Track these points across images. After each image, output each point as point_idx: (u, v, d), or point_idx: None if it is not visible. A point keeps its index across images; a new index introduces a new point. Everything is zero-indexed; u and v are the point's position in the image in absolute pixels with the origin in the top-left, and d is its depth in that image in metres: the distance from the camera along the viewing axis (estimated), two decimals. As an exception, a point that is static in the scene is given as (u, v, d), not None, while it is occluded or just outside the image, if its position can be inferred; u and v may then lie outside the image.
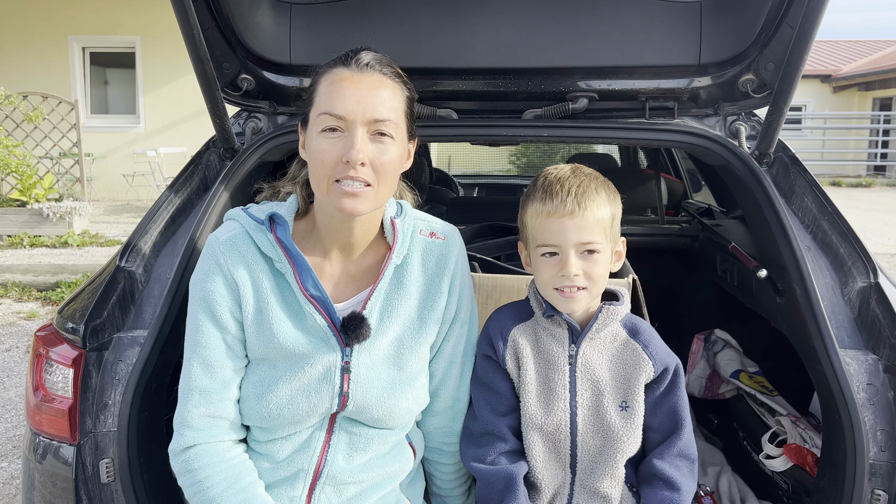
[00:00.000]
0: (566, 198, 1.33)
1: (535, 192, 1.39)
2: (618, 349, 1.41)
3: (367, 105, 1.23)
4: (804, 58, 1.49)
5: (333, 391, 1.30)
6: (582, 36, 1.73)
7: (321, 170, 1.24)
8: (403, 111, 1.31)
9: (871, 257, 1.59)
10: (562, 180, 1.36)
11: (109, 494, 1.48)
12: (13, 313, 5.49)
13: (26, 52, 11.02)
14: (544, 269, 1.36)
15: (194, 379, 1.29)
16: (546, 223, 1.35)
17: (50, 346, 1.55)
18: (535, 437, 1.40)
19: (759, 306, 2.00)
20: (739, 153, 1.72)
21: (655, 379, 1.39)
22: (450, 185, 4.42)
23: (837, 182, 16.31)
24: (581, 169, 1.41)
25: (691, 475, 1.39)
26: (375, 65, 1.27)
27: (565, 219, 1.33)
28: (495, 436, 1.41)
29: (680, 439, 1.38)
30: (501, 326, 1.44)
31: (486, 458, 1.40)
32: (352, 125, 1.22)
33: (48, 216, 8.01)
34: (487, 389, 1.44)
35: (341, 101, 1.23)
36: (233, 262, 1.31)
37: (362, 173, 1.22)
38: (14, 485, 2.98)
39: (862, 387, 1.46)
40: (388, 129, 1.25)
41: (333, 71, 1.27)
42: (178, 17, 1.44)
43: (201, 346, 1.30)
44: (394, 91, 1.28)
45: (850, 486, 1.43)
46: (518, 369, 1.42)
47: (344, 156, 1.21)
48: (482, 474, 1.39)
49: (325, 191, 1.25)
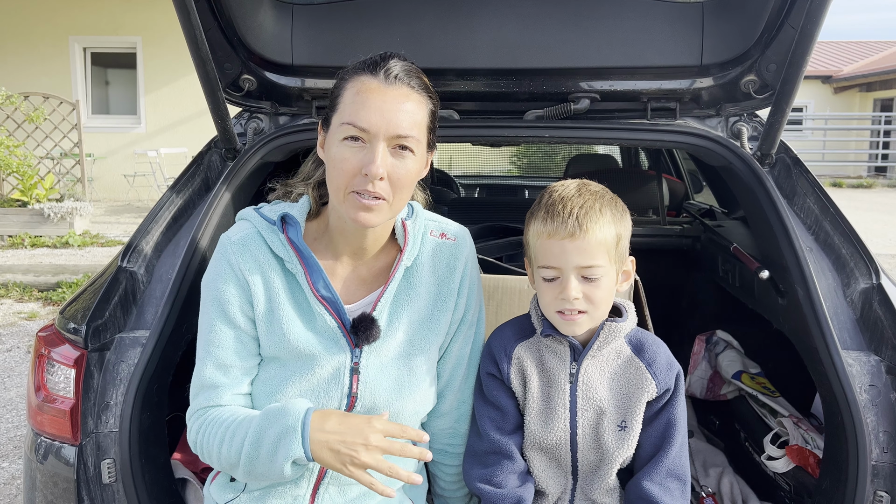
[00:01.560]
0: (567, 219, 1.28)
1: (538, 211, 1.34)
2: (620, 367, 1.37)
3: (391, 120, 1.22)
4: (806, 59, 1.49)
5: (342, 391, 1.31)
6: (584, 37, 1.73)
7: (339, 178, 1.24)
8: (426, 125, 1.30)
9: (873, 258, 1.59)
10: (565, 200, 1.31)
11: (111, 495, 1.48)
12: (14, 313, 5.50)
13: (27, 53, 11.03)
14: (545, 292, 1.33)
15: (207, 377, 1.30)
16: (546, 244, 1.30)
17: (52, 347, 1.55)
18: (536, 453, 1.39)
19: (761, 307, 2.00)
20: (741, 154, 1.72)
21: (657, 397, 1.36)
22: (451, 185, 4.42)
23: (838, 183, 16.31)
24: (588, 186, 1.36)
25: (682, 497, 1.33)
26: (403, 77, 1.26)
27: (566, 241, 1.28)
28: (502, 454, 1.38)
29: (668, 457, 1.33)
30: (505, 345, 1.41)
31: (493, 478, 1.37)
32: (374, 138, 1.22)
33: (49, 216, 8.01)
34: (492, 408, 1.41)
35: (366, 114, 1.22)
36: (244, 262, 1.32)
37: (379, 187, 1.22)
38: (15, 485, 2.99)
39: (864, 388, 1.46)
40: (410, 144, 1.25)
41: (360, 79, 1.25)
42: (181, 18, 1.44)
43: (214, 345, 1.31)
44: (419, 104, 1.27)
45: (853, 487, 1.43)
46: (523, 388, 1.40)
47: (364, 168, 1.21)
48: (490, 497, 1.35)
49: (341, 199, 1.26)
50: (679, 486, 1.34)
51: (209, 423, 1.27)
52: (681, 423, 1.36)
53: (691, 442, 2.32)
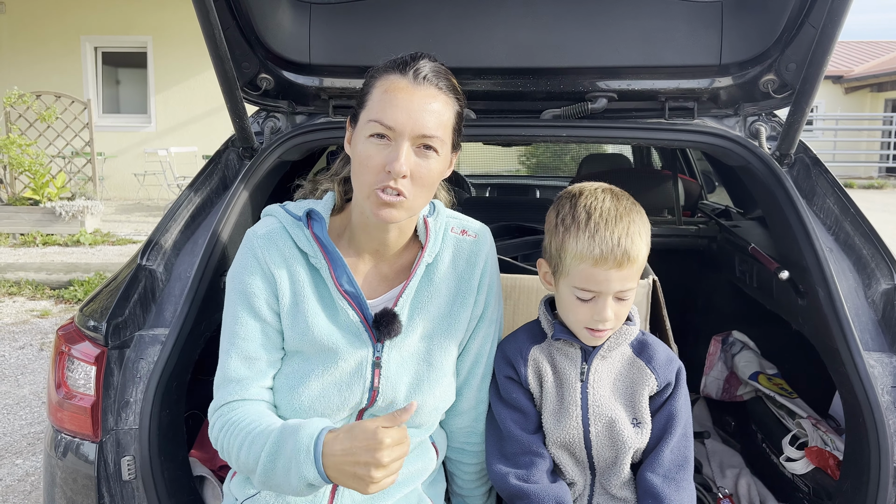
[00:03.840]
0: (615, 248, 1.26)
1: (576, 231, 1.30)
2: (624, 366, 1.41)
3: (417, 119, 1.23)
4: (827, 58, 1.48)
5: (364, 385, 1.32)
6: (601, 36, 1.72)
7: (364, 175, 1.25)
8: (452, 126, 1.31)
9: (894, 259, 1.58)
10: (608, 221, 1.28)
11: (130, 492, 1.49)
12: (27, 311, 5.53)
13: (39, 52, 11.10)
14: (578, 310, 1.33)
15: (232, 370, 1.31)
16: (590, 272, 1.28)
17: (72, 344, 1.56)
18: (557, 450, 1.41)
19: (780, 308, 1.99)
20: (760, 154, 1.71)
21: (659, 391, 1.40)
22: (463, 185, 4.42)
23: (849, 184, 16.19)
24: (620, 200, 1.33)
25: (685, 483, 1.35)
26: (432, 78, 1.27)
27: (612, 270, 1.27)
28: (534, 454, 1.39)
29: (668, 446, 1.36)
30: (520, 348, 1.43)
31: (530, 477, 1.38)
32: (399, 136, 1.23)
33: (60, 215, 8.06)
34: (513, 409, 1.42)
35: (392, 112, 1.23)
36: (270, 256, 1.33)
37: (401, 185, 1.24)
38: (29, 481, 3.00)
39: (886, 389, 1.45)
40: (434, 144, 1.26)
41: (389, 78, 1.26)
42: (200, 17, 1.44)
43: (240, 338, 1.31)
44: (445, 105, 1.28)
45: (875, 490, 1.42)
46: (540, 388, 1.42)
47: (387, 165, 1.23)
48: (530, 493, 1.35)
49: (365, 194, 1.27)
50: (683, 475, 1.36)
51: (231, 425, 1.27)
52: (682, 413, 1.39)
53: (707, 443, 2.31)
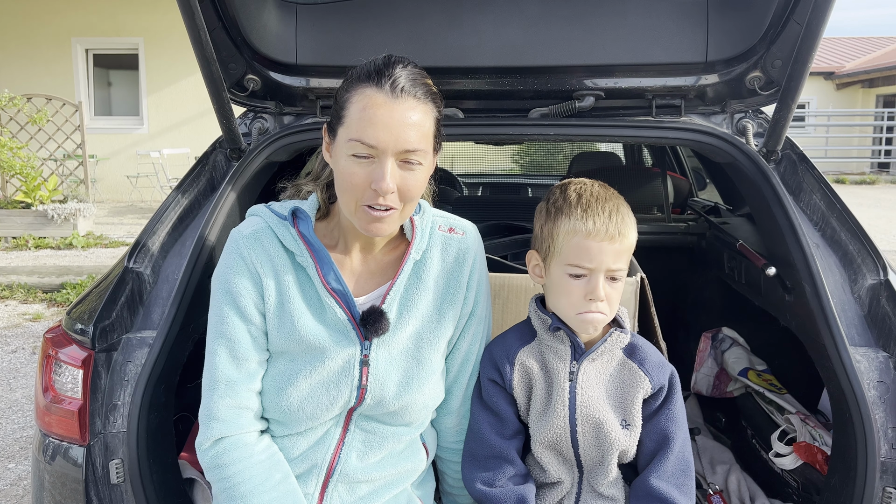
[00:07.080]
0: (608, 221, 1.30)
1: (569, 209, 1.34)
2: (616, 368, 1.40)
3: (399, 135, 1.22)
4: (812, 55, 1.48)
5: (353, 384, 1.31)
6: (588, 34, 1.72)
7: (349, 192, 1.26)
8: (433, 133, 1.31)
9: (880, 254, 1.59)
10: (600, 200, 1.33)
11: (119, 495, 1.48)
12: (19, 314, 5.51)
13: (30, 55, 11.05)
14: (571, 290, 1.33)
15: (220, 371, 1.30)
16: (584, 244, 1.31)
17: (59, 348, 1.55)
18: (544, 449, 1.41)
19: (768, 304, 1.99)
20: (747, 150, 1.72)
21: (653, 395, 1.39)
22: (454, 184, 4.42)
23: (841, 179, 16.27)
24: (607, 189, 1.38)
25: (690, 491, 1.36)
26: (409, 88, 1.25)
27: (604, 242, 1.30)
28: (504, 459, 1.39)
29: (673, 453, 1.36)
30: (507, 350, 1.42)
31: (495, 482, 1.38)
32: (382, 154, 1.23)
33: (53, 218, 8.03)
34: (491, 413, 1.42)
35: (373, 131, 1.22)
36: (256, 256, 1.32)
37: (390, 200, 1.24)
38: (21, 486, 2.99)
39: (872, 384, 1.46)
40: (418, 157, 1.26)
41: (365, 92, 1.24)
42: (185, 18, 1.44)
43: (226, 338, 1.31)
44: (425, 115, 1.27)
45: (862, 484, 1.42)
46: (527, 391, 1.42)
47: (373, 184, 1.23)
48: (492, 498, 1.36)
49: (352, 210, 1.27)
50: (687, 481, 1.36)
51: (222, 468, 1.28)
52: (681, 420, 1.39)
53: (698, 439, 2.32)
